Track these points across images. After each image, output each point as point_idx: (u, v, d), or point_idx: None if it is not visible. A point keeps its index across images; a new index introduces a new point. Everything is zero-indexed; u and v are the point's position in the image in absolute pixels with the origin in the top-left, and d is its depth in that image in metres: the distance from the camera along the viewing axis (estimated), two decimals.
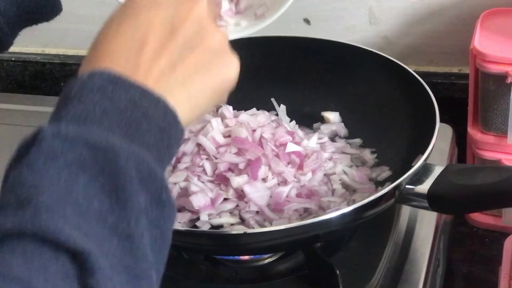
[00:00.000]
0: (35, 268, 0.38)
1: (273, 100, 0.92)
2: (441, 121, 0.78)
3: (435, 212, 0.80)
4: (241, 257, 0.79)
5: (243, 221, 0.78)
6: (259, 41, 0.91)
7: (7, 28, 0.66)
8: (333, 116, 0.93)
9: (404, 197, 0.72)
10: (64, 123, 0.44)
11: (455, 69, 1.05)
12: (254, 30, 0.72)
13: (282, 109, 0.92)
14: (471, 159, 0.95)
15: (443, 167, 0.73)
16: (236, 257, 0.79)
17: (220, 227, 0.78)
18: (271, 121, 0.89)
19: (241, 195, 0.78)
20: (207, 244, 0.72)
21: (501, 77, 0.85)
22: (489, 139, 0.91)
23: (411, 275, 0.76)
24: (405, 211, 0.83)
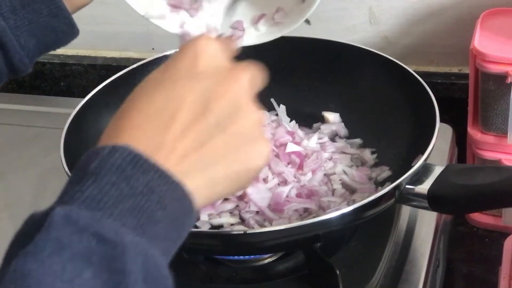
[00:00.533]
0: None
1: (273, 100, 0.92)
2: (441, 121, 0.78)
3: (435, 212, 0.80)
4: (241, 257, 0.79)
5: (243, 221, 0.78)
6: None
7: (27, 59, 0.66)
8: (333, 116, 0.93)
9: (404, 197, 0.72)
10: (76, 207, 0.42)
11: (455, 69, 1.05)
12: (273, 37, 0.72)
13: (282, 109, 0.92)
14: (471, 159, 0.95)
15: (443, 167, 0.73)
16: (236, 257, 0.79)
17: (220, 227, 0.78)
18: (271, 121, 0.89)
19: (241, 195, 0.78)
20: (207, 244, 0.72)
21: (501, 77, 0.85)
22: (489, 139, 0.91)
23: (411, 275, 0.76)
24: (405, 211, 0.83)
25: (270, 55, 0.95)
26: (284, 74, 0.95)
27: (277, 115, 0.92)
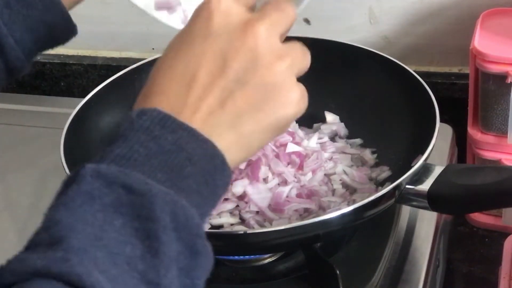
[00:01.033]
0: None
1: None
2: (441, 121, 0.78)
3: (435, 212, 0.80)
4: (241, 257, 0.79)
5: (243, 221, 0.78)
6: None
7: (23, 55, 0.65)
8: (333, 116, 0.93)
9: (404, 197, 0.72)
10: (106, 163, 0.43)
11: (455, 69, 1.05)
12: None
13: None
14: (471, 159, 0.95)
15: (443, 167, 0.73)
16: (236, 257, 0.79)
17: (220, 227, 0.78)
18: None
19: (241, 195, 0.78)
20: None
21: (501, 77, 0.85)
22: (489, 139, 0.91)
23: (411, 275, 0.76)
24: (405, 211, 0.83)
25: None
26: None
27: None
